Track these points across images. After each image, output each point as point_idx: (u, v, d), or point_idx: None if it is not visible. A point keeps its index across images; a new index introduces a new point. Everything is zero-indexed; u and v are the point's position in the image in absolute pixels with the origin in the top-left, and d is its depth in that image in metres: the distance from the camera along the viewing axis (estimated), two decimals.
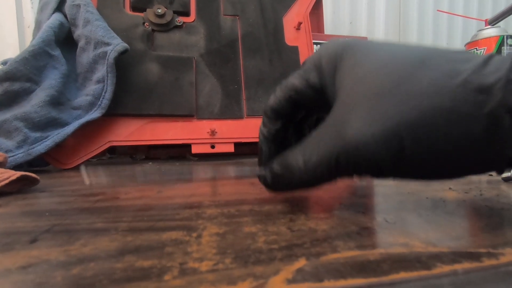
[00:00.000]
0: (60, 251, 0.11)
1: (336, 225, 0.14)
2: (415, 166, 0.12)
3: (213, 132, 0.51)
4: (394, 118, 0.12)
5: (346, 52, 0.15)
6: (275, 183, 0.17)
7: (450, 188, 0.22)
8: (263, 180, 0.17)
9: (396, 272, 0.09)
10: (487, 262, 0.09)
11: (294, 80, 0.17)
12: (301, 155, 0.15)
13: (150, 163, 0.50)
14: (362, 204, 0.18)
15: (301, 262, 0.10)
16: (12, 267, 0.10)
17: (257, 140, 0.19)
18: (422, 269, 0.09)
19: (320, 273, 0.09)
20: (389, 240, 0.12)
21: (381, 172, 0.13)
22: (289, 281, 0.08)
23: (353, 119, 0.13)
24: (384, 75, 0.13)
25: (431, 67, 0.12)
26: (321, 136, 0.14)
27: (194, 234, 0.13)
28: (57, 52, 0.45)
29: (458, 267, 0.09)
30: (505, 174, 0.25)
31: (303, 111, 0.18)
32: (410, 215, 0.15)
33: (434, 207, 0.17)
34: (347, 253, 0.10)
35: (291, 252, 0.11)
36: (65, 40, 0.48)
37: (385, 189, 0.23)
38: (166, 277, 0.09)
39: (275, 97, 0.18)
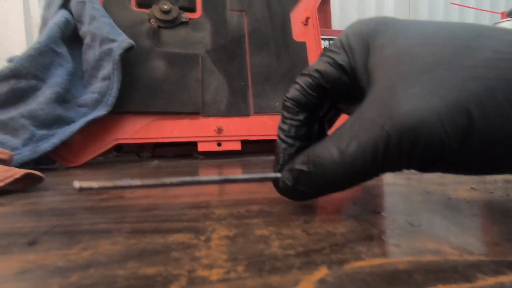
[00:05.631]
0: (58, 255, 0.10)
1: (355, 228, 0.13)
2: (484, 148, 0.11)
3: (219, 130, 0.50)
4: (458, 90, 0.10)
5: (380, 28, 0.14)
6: (297, 185, 0.14)
7: (472, 188, 0.21)
8: (281, 184, 0.15)
9: (433, 285, 0.08)
10: None
11: (319, 64, 0.15)
12: (334, 145, 0.12)
13: (156, 161, 0.49)
14: (378, 204, 0.17)
15: (322, 272, 0.09)
16: (6, 273, 0.09)
17: (264, 137, 0.18)
18: (462, 281, 0.08)
19: (346, 284, 0.08)
20: (417, 246, 0.10)
21: (441, 157, 0.11)
22: None
23: (404, 96, 0.11)
24: (435, 46, 0.11)
25: (489, 38, 0.11)
26: (361, 120, 0.12)
27: (203, 237, 0.12)
28: (63, 49, 0.44)
29: (503, 279, 0.08)
30: None
31: (328, 100, 0.16)
32: (434, 217, 0.14)
33: (459, 208, 0.16)
34: (373, 260, 0.09)
35: (309, 259, 0.09)
36: (71, 37, 0.47)
37: (400, 188, 0.22)
38: (173, 287, 0.08)
39: (296, 87, 0.16)
